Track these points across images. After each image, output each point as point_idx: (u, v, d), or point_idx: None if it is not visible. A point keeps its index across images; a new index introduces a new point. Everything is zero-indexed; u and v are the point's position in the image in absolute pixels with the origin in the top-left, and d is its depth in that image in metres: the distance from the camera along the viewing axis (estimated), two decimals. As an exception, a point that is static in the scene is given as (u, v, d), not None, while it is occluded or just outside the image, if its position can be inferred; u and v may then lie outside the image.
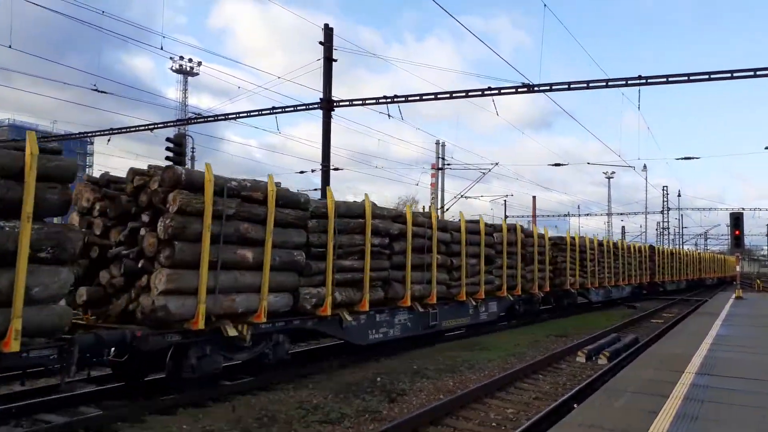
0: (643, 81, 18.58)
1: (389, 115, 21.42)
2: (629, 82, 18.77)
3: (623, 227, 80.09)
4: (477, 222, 15.25)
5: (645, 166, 57.19)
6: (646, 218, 69.85)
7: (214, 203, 7.93)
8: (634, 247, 29.84)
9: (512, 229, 17.00)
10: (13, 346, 5.81)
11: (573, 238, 21.84)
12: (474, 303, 14.69)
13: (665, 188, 66.80)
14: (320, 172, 21.20)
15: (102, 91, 24.03)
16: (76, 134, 35.05)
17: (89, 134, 31.20)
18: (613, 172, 72.20)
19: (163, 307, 7.39)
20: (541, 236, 19.16)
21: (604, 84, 19.21)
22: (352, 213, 10.80)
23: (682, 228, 76.84)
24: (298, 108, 22.52)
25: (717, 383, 7.69)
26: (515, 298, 16.92)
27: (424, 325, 12.80)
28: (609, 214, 74.41)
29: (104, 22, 73.96)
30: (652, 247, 33.85)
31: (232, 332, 8.28)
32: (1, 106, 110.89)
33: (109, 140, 27.67)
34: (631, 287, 28.97)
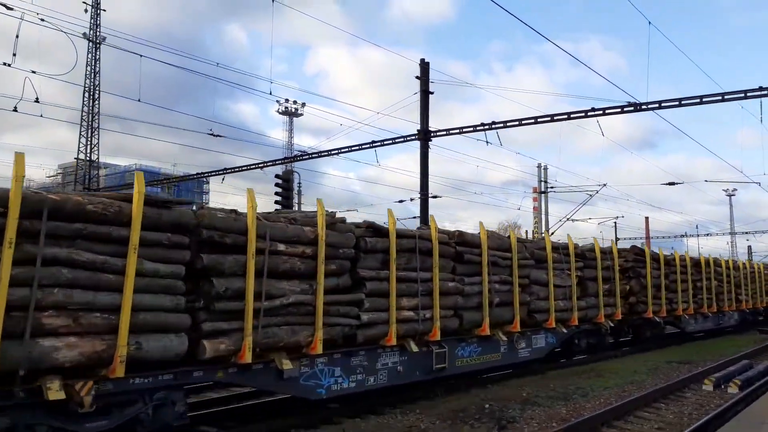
0: (765, 92, 17.38)
1: (487, 142, 21.39)
2: (749, 94, 17.63)
3: (749, 247, 73.25)
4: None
5: (772, 181, 52.33)
6: (776, 237, 63.54)
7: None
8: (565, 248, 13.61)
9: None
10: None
11: None
12: None
13: (796, 203, 60.34)
14: (419, 200, 21.50)
15: (217, 135, 26.06)
16: (194, 175, 38.00)
17: (206, 174, 33.77)
18: (735, 189, 66.79)
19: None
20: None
21: (720, 98, 18.09)
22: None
23: (820, 247, 68.83)
24: (397, 140, 23.06)
25: None
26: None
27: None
28: (732, 233, 68.63)
29: (218, 72, 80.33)
30: (637, 250, 17.13)
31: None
32: (128, 153, 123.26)
33: (223, 179, 29.89)
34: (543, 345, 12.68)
